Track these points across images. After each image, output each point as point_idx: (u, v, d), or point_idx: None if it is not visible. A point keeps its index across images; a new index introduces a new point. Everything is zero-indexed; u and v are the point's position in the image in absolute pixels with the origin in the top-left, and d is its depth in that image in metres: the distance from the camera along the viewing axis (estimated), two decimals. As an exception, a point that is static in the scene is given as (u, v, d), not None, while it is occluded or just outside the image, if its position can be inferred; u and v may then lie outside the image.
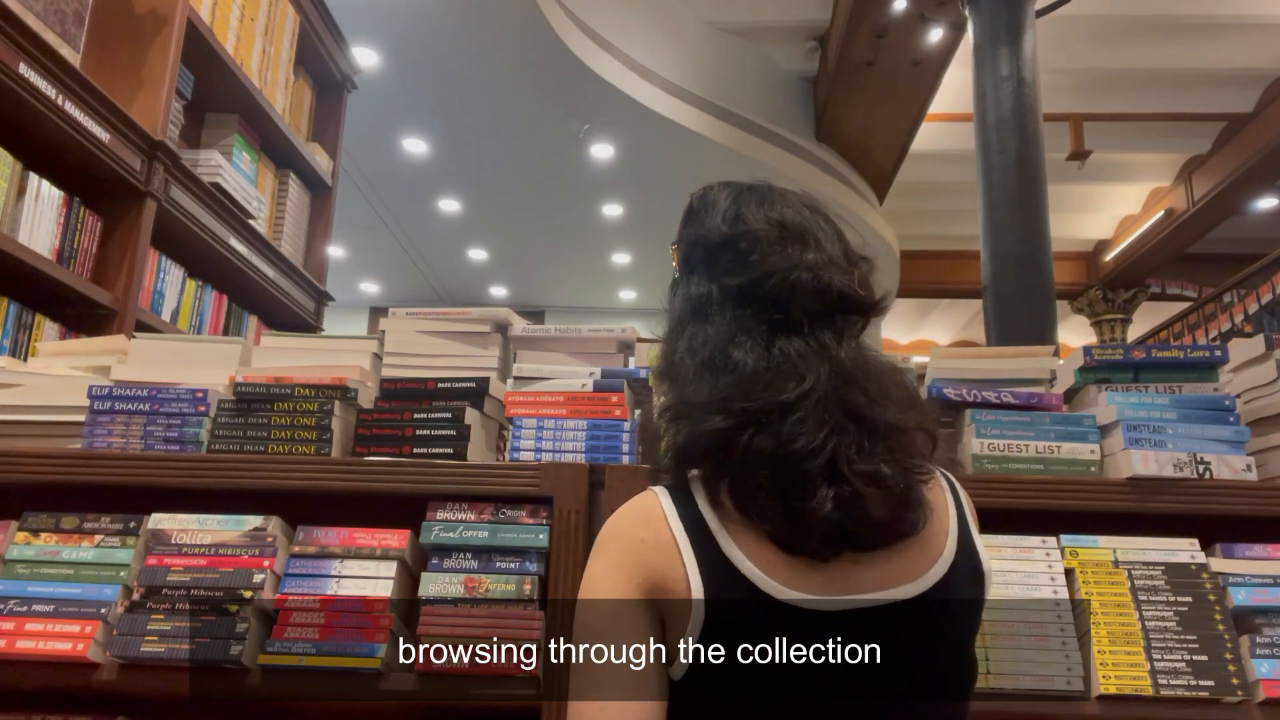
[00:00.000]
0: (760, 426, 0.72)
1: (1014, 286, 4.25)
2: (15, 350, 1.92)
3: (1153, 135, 7.32)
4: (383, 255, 8.10)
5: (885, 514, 0.72)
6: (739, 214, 0.84)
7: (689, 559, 0.74)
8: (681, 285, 0.87)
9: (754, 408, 0.72)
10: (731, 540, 0.74)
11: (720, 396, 0.74)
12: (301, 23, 3.06)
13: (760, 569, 0.73)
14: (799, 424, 0.71)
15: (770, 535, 0.73)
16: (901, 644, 0.74)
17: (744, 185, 0.89)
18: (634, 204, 7.00)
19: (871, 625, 0.73)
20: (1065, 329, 9.28)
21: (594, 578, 0.78)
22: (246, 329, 2.84)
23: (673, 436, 0.77)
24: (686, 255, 0.88)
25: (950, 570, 0.76)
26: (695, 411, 0.75)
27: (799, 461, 0.71)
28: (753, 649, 0.72)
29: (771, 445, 0.71)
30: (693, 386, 0.76)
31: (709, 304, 0.81)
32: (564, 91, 5.45)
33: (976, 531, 0.83)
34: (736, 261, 0.81)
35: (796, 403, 0.72)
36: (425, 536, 1.22)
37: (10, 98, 1.82)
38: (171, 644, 1.15)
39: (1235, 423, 1.27)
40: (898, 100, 6.42)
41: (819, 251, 0.81)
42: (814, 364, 0.75)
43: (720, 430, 0.73)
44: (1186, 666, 1.15)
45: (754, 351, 0.76)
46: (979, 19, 4.69)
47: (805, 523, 0.71)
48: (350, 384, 1.33)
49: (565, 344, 1.47)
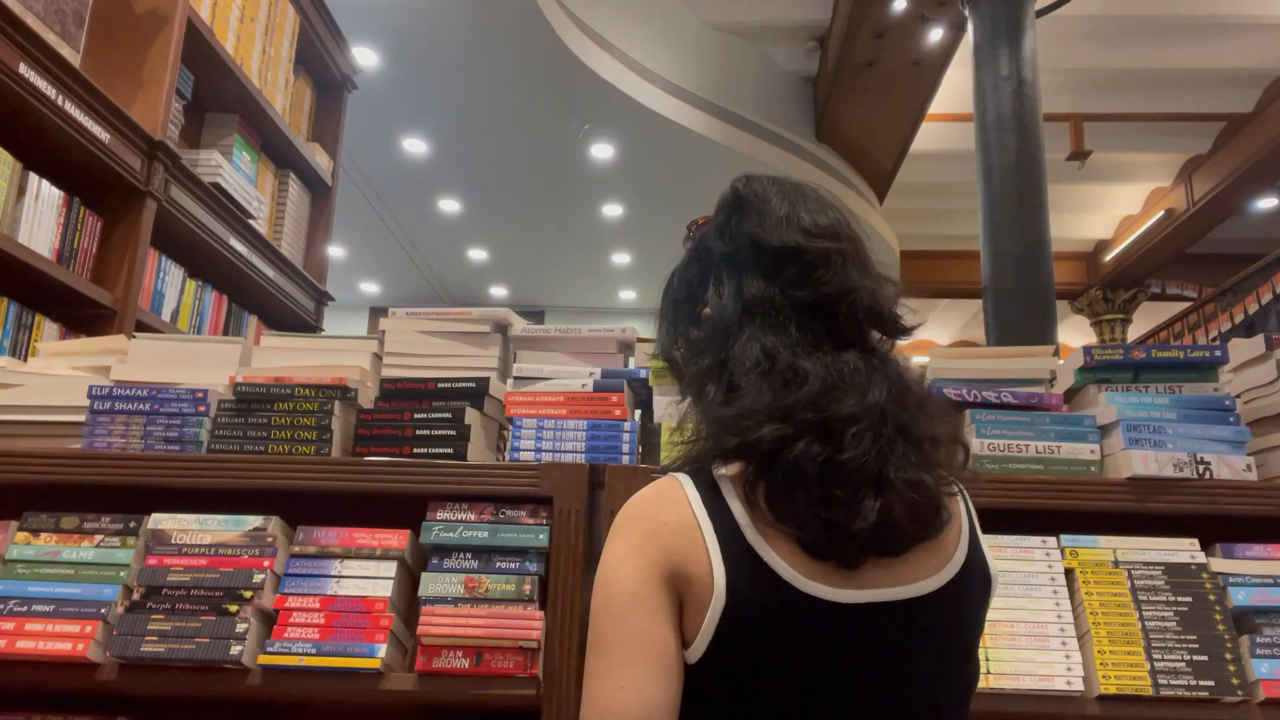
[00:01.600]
0: (819, 437, 0.73)
1: (1014, 286, 4.25)
2: (15, 350, 1.92)
3: (1153, 135, 7.32)
4: (383, 255, 8.10)
5: (918, 522, 0.74)
6: (802, 224, 0.83)
7: (712, 544, 0.74)
8: (728, 281, 0.84)
9: (818, 419, 0.73)
10: (758, 534, 0.74)
11: (784, 405, 0.74)
12: (301, 23, 3.06)
13: (785, 560, 0.73)
14: (857, 436, 0.72)
15: (800, 539, 0.74)
16: (914, 640, 0.76)
17: (791, 185, 0.89)
18: (634, 204, 7.00)
19: (888, 620, 0.74)
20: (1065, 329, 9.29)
21: (614, 558, 0.77)
22: (246, 329, 2.84)
23: (720, 439, 0.76)
24: (735, 252, 0.85)
25: (961, 571, 0.78)
26: (754, 419, 0.74)
27: (852, 471, 0.72)
28: (771, 636, 0.73)
29: (827, 454, 0.72)
30: (751, 395, 0.76)
31: (771, 310, 0.81)
32: (564, 91, 5.45)
33: (981, 534, 0.86)
34: (804, 275, 0.81)
35: (860, 416, 0.73)
36: (425, 536, 1.22)
37: (10, 98, 1.82)
38: (171, 644, 1.15)
39: (1235, 423, 1.27)
40: (898, 100, 6.42)
41: (871, 274, 0.84)
42: (876, 379, 0.76)
43: (778, 438, 0.73)
44: (1186, 666, 1.15)
45: (824, 364, 0.76)
46: (979, 19, 4.69)
47: (845, 531, 0.72)
48: (350, 384, 1.33)
49: (565, 344, 1.47)
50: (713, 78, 6.15)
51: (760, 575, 0.73)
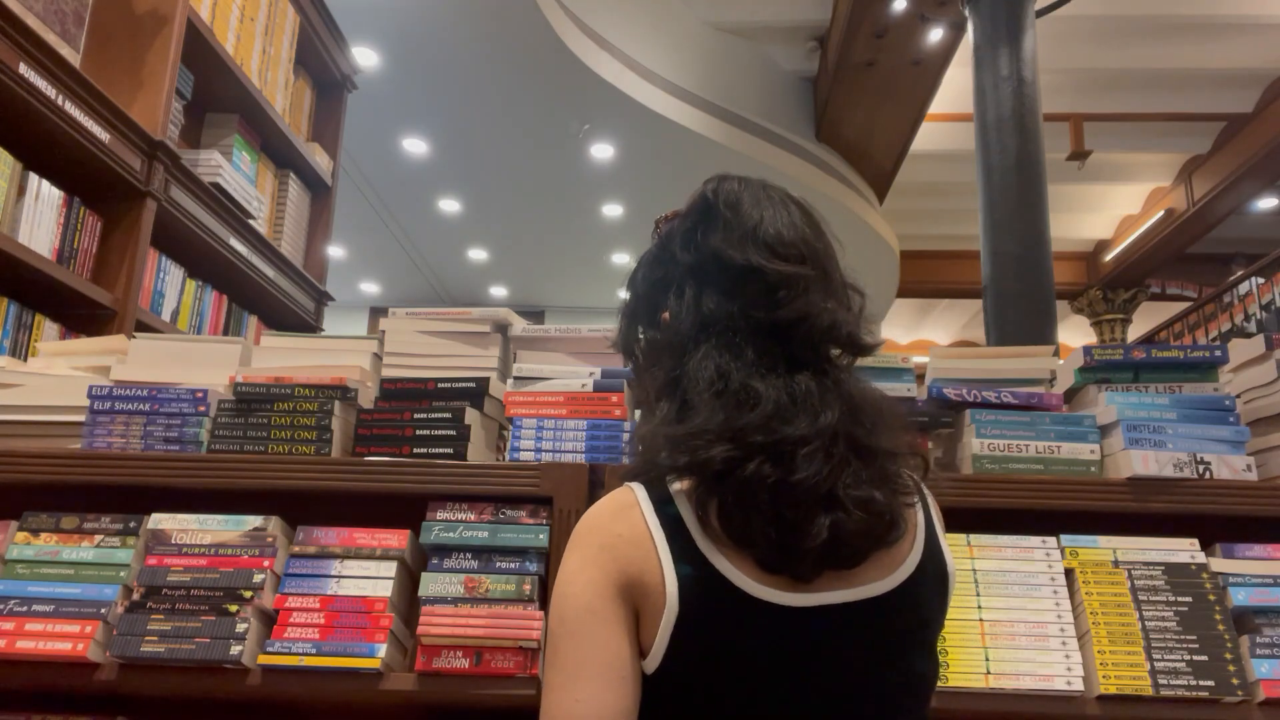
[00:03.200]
0: (770, 458, 0.73)
1: (1014, 286, 4.25)
2: (15, 350, 1.92)
3: (1153, 135, 7.32)
4: (383, 255, 8.10)
5: (871, 536, 0.75)
6: (768, 241, 0.82)
7: (664, 554, 0.75)
8: (689, 292, 0.84)
9: (769, 441, 0.73)
10: (711, 545, 0.75)
11: (736, 427, 0.74)
12: (301, 23, 3.06)
13: (737, 569, 0.74)
14: (809, 457, 0.73)
15: (752, 555, 0.75)
16: (867, 640, 0.77)
17: (763, 192, 0.87)
18: (634, 204, 7.00)
19: (841, 621, 0.75)
20: (1065, 329, 9.29)
21: (570, 571, 0.77)
22: (246, 329, 2.84)
23: (671, 458, 0.77)
24: (698, 264, 0.84)
25: (915, 572, 0.79)
26: (704, 439, 0.74)
27: (802, 491, 0.72)
28: (725, 643, 0.74)
29: (778, 475, 0.72)
30: (704, 415, 0.75)
31: (729, 329, 0.80)
32: (564, 91, 5.45)
33: (942, 533, 0.85)
34: (764, 296, 0.81)
35: (811, 437, 0.74)
36: (425, 536, 1.22)
37: (10, 98, 1.82)
38: (171, 644, 1.15)
39: (1235, 423, 1.27)
40: (898, 100, 6.42)
41: (836, 295, 0.84)
42: (830, 400, 0.76)
43: (728, 459, 0.73)
44: (1186, 666, 1.15)
45: (776, 386, 0.76)
46: (979, 19, 4.69)
47: (798, 549, 0.73)
48: (350, 384, 1.33)
49: (565, 344, 1.47)
50: (713, 78, 6.15)
51: (712, 583, 0.74)
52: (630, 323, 0.91)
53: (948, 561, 0.82)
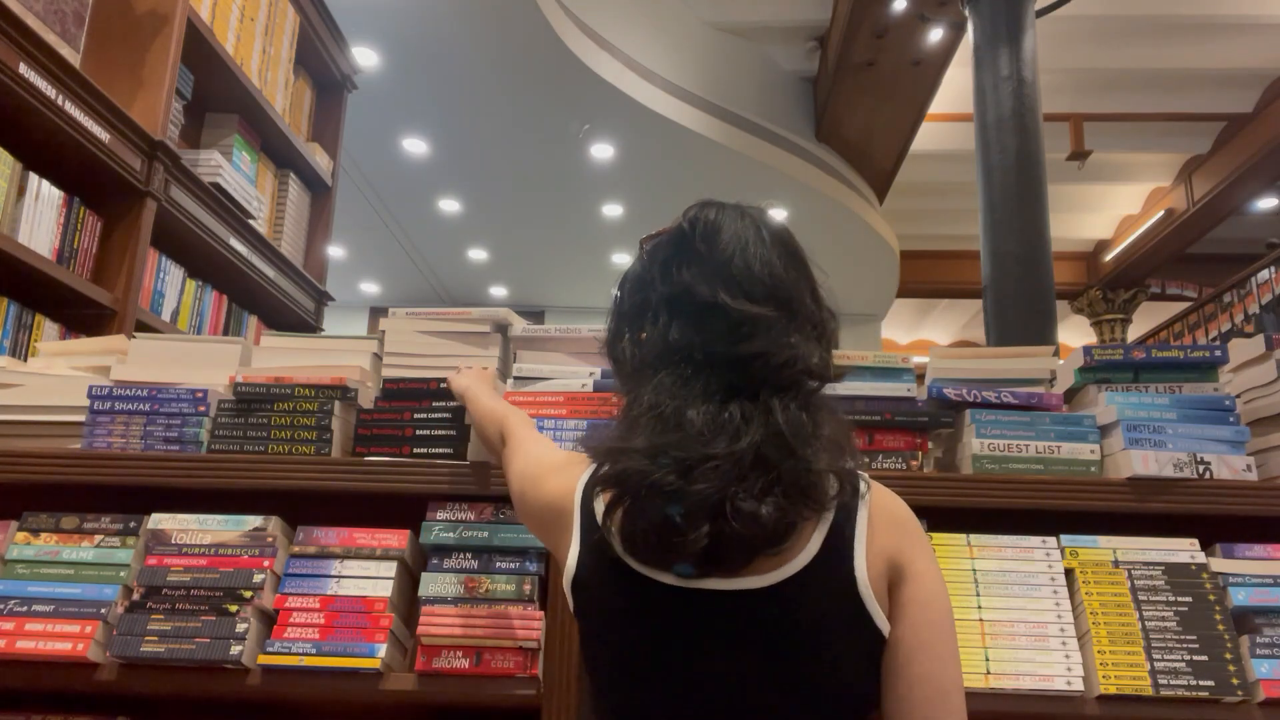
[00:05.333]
0: (677, 471, 0.78)
1: (1014, 286, 4.24)
2: (15, 350, 1.92)
3: (1153, 135, 7.32)
4: (383, 255, 8.09)
5: (751, 549, 0.78)
6: (738, 278, 0.85)
7: (576, 525, 0.87)
8: (661, 319, 0.88)
9: (683, 457, 0.78)
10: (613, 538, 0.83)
11: (658, 445, 0.79)
12: (301, 23, 3.06)
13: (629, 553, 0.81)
14: (712, 471, 0.77)
15: (639, 558, 0.81)
16: (735, 629, 0.79)
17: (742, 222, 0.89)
18: (634, 204, 7.00)
19: (710, 605, 0.79)
20: (1065, 329, 9.28)
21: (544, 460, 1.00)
22: (246, 329, 2.84)
23: (600, 464, 0.85)
24: (671, 296, 0.88)
25: (803, 573, 0.79)
26: (630, 453, 0.81)
27: (695, 499, 0.76)
28: (606, 604, 0.84)
29: (679, 485, 0.77)
30: (640, 437, 0.81)
31: (686, 362, 0.85)
32: (564, 91, 5.44)
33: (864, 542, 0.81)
34: (729, 333, 0.84)
35: (722, 456, 0.77)
36: (425, 536, 1.23)
37: (10, 98, 1.82)
38: (171, 644, 1.15)
39: (1235, 423, 1.27)
40: (898, 100, 6.41)
41: (802, 328, 0.87)
42: (755, 427, 0.80)
43: (641, 470, 0.79)
44: (1186, 666, 1.15)
45: (707, 414, 0.81)
46: (979, 19, 4.69)
47: (680, 549, 0.77)
48: (350, 384, 1.33)
49: (565, 344, 1.47)
50: (713, 78, 6.15)
51: (604, 555, 0.83)
52: (615, 337, 0.95)
53: (857, 569, 0.79)
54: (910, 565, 0.82)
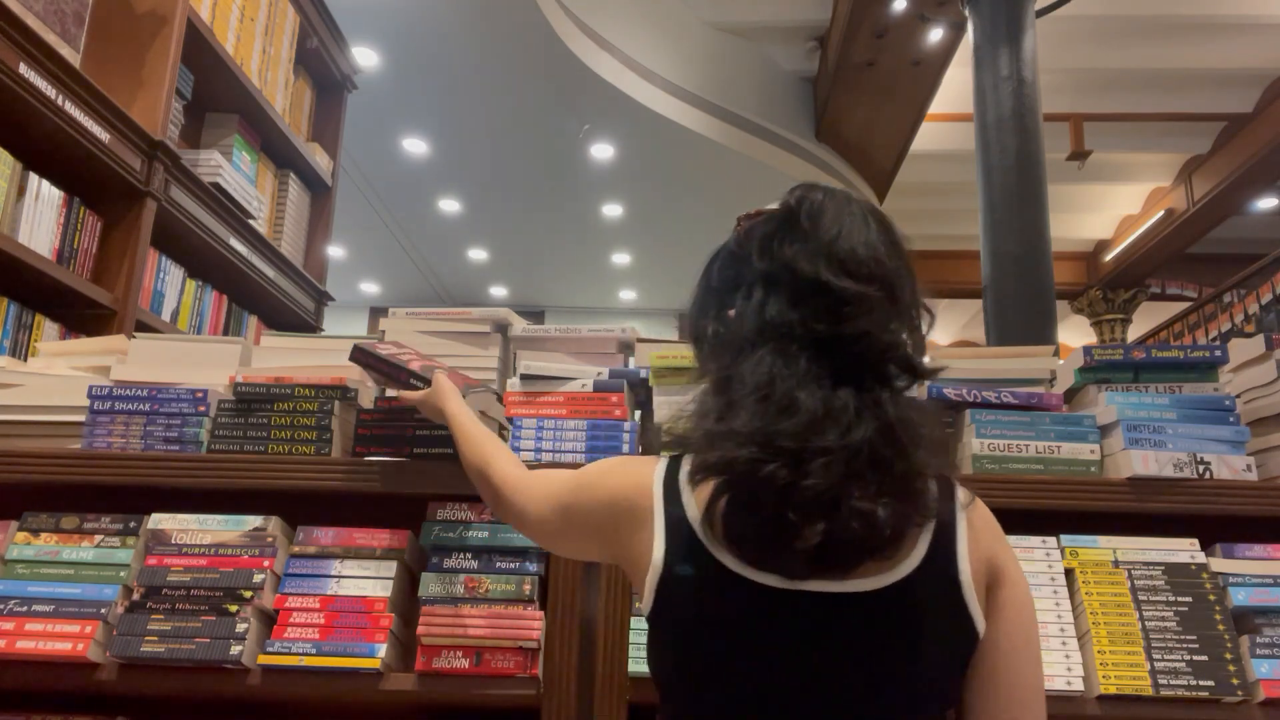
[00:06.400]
0: (789, 463, 0.74)
1: (1014, 286, 4.24)
2: (15, 350, 1.92)
3: (1153, 135, 7.31)
4: (383, 255, 8.09)
5: (863, 550, 0.76)
6: (841, 258, 0.83)
7: (659, 522, 0.82)
8: (756, 295, 0.85)
9: (795, 448, 0.75)
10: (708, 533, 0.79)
11: (768, 432, 0.76)
12: (301, 23, 3.06)
13: (726, 550, 0.78)
14: (826, 466, 0.74)
15: (742, 555, 0.78)
16: (844, 632, 0.77)
17: (846, 207, 0.87)
18: (634, 204, 7.00)
19: (817, 607, 0.77)
20: (1065, 329, 9.28)
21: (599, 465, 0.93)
22: (246, 329, 2.84)
23: (704, 454, 0.80)
24: (770, 272, 0.85)
25: (914, 575, 0.78)
26: (738, 439, 0.77)
27: (808, 496, 0.74)
28: (701, 605, 0.79)
29: (791, 478, 0.74)
30: (743, 419, 0.77)
31: (787, 338, 0.82)
32: (564, 91, 5.44)
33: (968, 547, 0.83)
34: (830, 312, 0.81)
35: (835, 449, 0.75)
36: (425, 536, 1.22)
37: (10, 98, 1.82)
38: (171, 644, 1.15)
39: (1235, 423, 1.27)
40: (898, 100, 6.41)
41: (902, 317, 0.84)
42: (865, 419, 0.77)
43: (752, 460, 0.75)
44: (1186, 666, 1.15)
45: (819, 399, 0.77)
46: (979, 19, 4.69)
47: (790, 549, 0.75)
48: (350, 384, 1.33)
49: (565, 344, 1.47)
50: (713, 78, 6.15)
51: (693, 550, 0.79)
52: (700, 313, 0.93)
53: (960, 573, 0.80)
54: (1005, 568, 0.84)
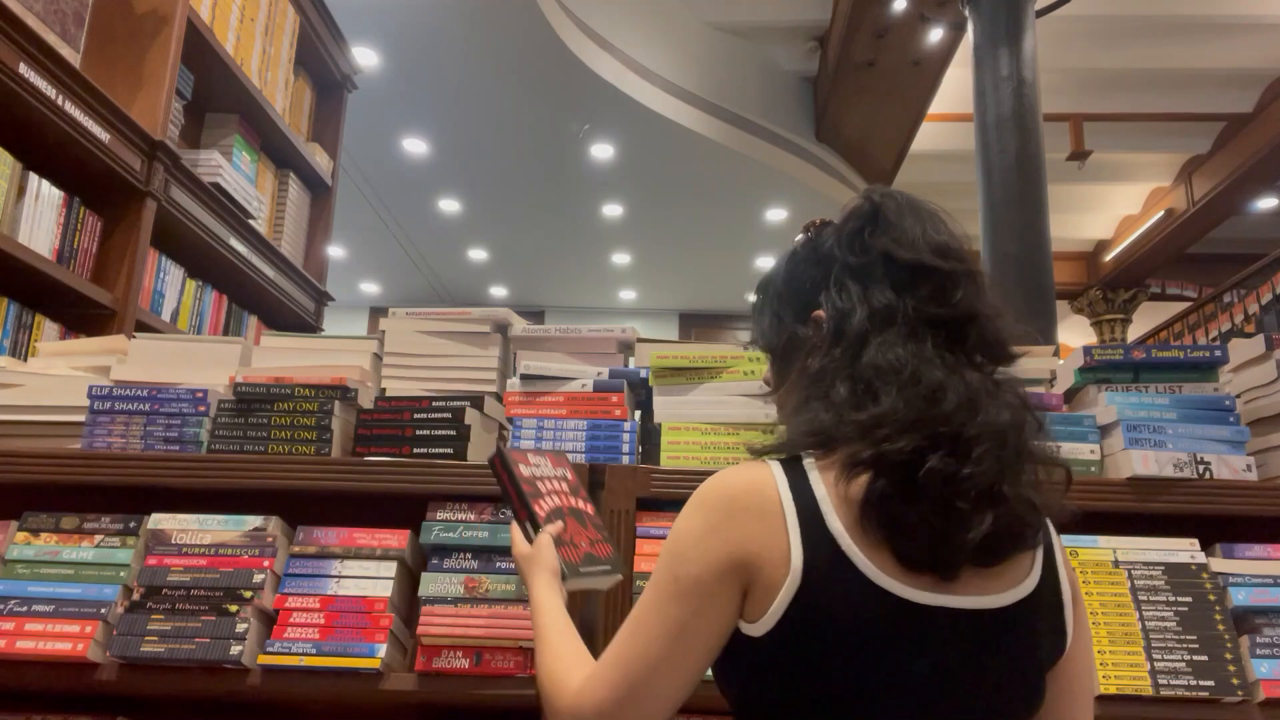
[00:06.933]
0: (951, 451, 0.73)
1: (1014, 286, 4.24)
2: (15, 350, 1.92)
3: (1153, 135, 7.31)
4: (383, 255, 8.10)
5: (1019, 538, 0.76)
6: (935, 245, 0.83)
7: (793, 527, 0.76)
8: (852, 289, 0.84)
9: (952, 434, 0.74)
10: (844, 531, 0.75)
11: (925, 418, 0.75)
12: (301, 23, 3.06)
13: (866, 557, 0.74)
14: (983, 455, 0.74)
15: (897, 550, 0.75)
16: (981, 649, 0.76)
17: (920, 205, 0.88)
18: (634, 204, 7.00)
19: (954, 625, 0.75)
20: (1065, 329, 9.27)
21: (691, 533, 0.79)
22: (246, 329, 2.84)
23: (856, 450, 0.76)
24: (865, 264, 0.85)
25: (1036, 589, 0.79)
26: (895, 427, 0.75)
27: (976, 485, 0.73)
28: (838, 621, 0.74)
29: (953, 470, 0.73)
30: (887, 402, 0.76)
31: (904, 321, 0.81)
32: (564, 91, 5.45)
33: (1060, 552, 0.86)
34: (940, 293, 0.82)
35: (984, 435, 0.74)
36: (425, 536, 1.22)
37: (10, 98, 1.82)
38: (171, 644, 1.15)
39: (1235, 423, 1.27)
40: (898, 100, 6.41)
41: (990, 301, 0.85)
42: (1000, 401, 0.78)
43: (916, 449, 0.73)
44: (1186, 666, 1.15)
45: (956, 380, 0.77)
46: (979, 19, 4.69)
47: (956, 541, 0.73)
48: (350, 384, 1.33)
49: (565, 344, 1.47)
50: (713, 78, 6.15)
51: (836, 562, 0.74)
52: (776, 321, 0.92)
53: (1063, 583, 0.83)
54: (1076, 583, 0.86)
